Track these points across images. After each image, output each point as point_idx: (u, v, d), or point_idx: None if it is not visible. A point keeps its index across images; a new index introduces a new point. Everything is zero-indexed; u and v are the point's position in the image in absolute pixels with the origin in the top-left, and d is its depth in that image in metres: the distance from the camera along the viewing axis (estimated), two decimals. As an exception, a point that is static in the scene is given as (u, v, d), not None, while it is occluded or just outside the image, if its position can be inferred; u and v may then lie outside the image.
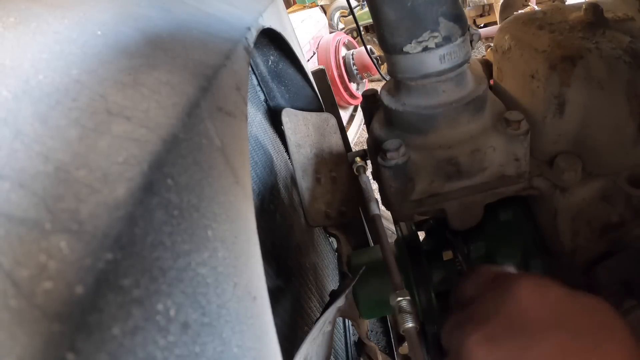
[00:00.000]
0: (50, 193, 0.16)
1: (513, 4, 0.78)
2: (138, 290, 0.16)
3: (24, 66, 0.20)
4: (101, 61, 0.23)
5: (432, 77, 0.42)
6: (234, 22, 0.42)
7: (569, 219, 0.46)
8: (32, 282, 0.14)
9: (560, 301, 0.33)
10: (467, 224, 0.48)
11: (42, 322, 0.13)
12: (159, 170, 0.19)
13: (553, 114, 0.43)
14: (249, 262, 0.23)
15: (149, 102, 0.22)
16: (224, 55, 0.33)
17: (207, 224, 0.21)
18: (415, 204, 0.46)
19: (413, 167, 0.44)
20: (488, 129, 0.43)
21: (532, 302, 0.33)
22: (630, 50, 0.41)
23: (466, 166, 0.43)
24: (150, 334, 0.15)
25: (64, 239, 0.15)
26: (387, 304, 0.38)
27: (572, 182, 0.44)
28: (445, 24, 0.39)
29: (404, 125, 0.45)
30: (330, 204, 0.59)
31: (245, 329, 0.20)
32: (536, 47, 0.44)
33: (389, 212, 0.49)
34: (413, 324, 0.35)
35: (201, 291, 0.18)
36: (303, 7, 3.95)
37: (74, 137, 0.18)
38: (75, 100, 0.20)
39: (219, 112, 0.27)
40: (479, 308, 0.35)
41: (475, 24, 3.80)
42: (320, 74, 0.91)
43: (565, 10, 0.48)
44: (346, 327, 0.76)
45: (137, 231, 0.17)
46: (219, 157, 0.24)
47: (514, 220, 0.52)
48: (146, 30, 0.29)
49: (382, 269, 0.49)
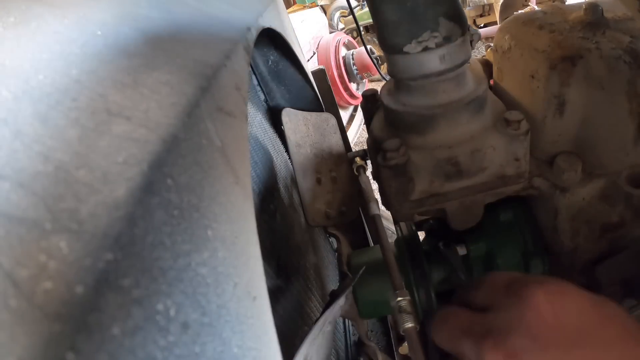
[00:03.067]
0: (50, 193, 0.16)
1: (513, 4, 0.78)
2: (138, 290, 0.16)
3: (24, 66, 0.20)
4: (101, 61, 0.23)
5: (432, 77, 0.42)
6: (234, 22, 0.42)
7: (569, 218, 0.46)
8: (32, 282, 0.14)
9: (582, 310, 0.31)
10: (467, 224, 0.48)
11: (42, 322, 0.13)
12: (159, 170, 0.19)
13: (553, 114, 0.43)
14: (249, 262, 0.23)
15: (148, 102, 0.22)
16: (224, 55, 0.33)
17: (207, 224, 0.21)
18: (415, 204, 0.46)
19: (413, 167, 0.44)
20: (488, 129, 0.43)
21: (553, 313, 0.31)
22: (630, 50, 0.41)
23: (466, 166, 0.43)
24: (150, 334, 0.15)
25: (64, 239, 0.15)
26: (387, 304, 0.38)
27: (572, 182, 0.44)
28: (445, 24, 0.39)
29: (404, 125, 0.45)
30: (330, 204, 0.59)
31: (245, 329, 0.20)
32: (536, 47, 0.44)
33: (389, 212, 0.49)
34: (413, 324, 0.35)
35: (201, 291, 0.18)
36: (303, 7, 3.95)
37: (74, 137, 0.18)
38: (75, 100, 0.20)
39: (219, 112, 0.27)
40: (496, 319, 0.33)
41: (475, 24, 3.79)
42: (320, 74, 0.91)
43: (565, 10, 0.48)
44: (346, 327, 0.76)
45: (137, 231, 0.17)
46: (219, 157, 0.24)
47: (514, 220, 0.52)
48: (146, 31, 0.29)
49: (382, 269, 0.49)
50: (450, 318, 0.37)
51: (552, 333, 0.30)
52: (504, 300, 0.34)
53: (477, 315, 0.35)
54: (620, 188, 0.44)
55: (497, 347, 0.30)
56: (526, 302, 0.32)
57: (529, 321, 0.31)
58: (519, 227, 0.51)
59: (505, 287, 0.35)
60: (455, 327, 0.35)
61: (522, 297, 0.32)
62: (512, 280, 0.35)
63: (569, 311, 0.31)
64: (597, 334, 0.30)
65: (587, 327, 0.30)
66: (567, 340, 0.30)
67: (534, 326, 0.30)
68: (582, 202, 0.46)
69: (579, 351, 0.29)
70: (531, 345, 0.30)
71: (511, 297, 0.33)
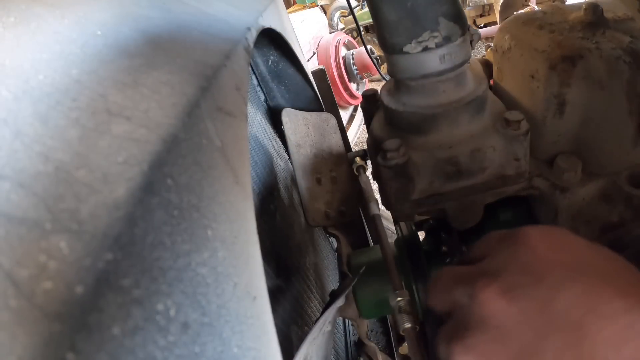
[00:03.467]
0: (50, 193, 0.16)
1: (513, 4, 0.78)
2: (138, 290, 0.16)
3: (24, 66, 0.20)
4: (101, 61, 0.23)
5: (432, 77, 0.42)
6: (234, 22, 0.42)
7: (569, 218, 0.46)
8: (32, 282, 0.14)
9: (579, 247, 0.30)
10: (467, 224, 0.48)
11: (42, 322, 0.13)
12: (159, 170, 0.19)
13: (553, 114, 0.44)
14: (249, 262, 0.23)
15: (149, 102, 0.22)
16: (224, 55, 0.33)
17: (207, 224, 0.21)
18: (415, 204, 0.46)
19: (413, 167, 0.44)
20: (488, 129, 0.43)
21: (549, 249, 0.29)
22: (630, 50, 0.41)
23: (466, 166, 0.43)
24: (150, 334, 0.15)
25: (64, 239, 0.15)
26: (387, 304, 0.38)
27: (572, 182, 0.44)
28: (445, 24, 0.39)
29: (404, 125, 0.45)
30: (330, 204, 0.59)
31: (245, 329, 0.20)
32: (536, 47, 0.44)
33: (389, 212, 0.49)
34: (413, 324, 0.35)
35: (201, 291, 0.18)
36: (303, 7, 3.95)
37: (74, 137, 0.18)
38: (75, 100, 0.20)
39: (219, 112, 0.27)
40: (490, 263, 0.31)
41: (475, 24, 3.79)
42: (320, 74, 0.91)
43: (565, 10, 0.48)
44: (346, 327, 0.76)
45: (137, 231, 0.17)
46: (219, 157, 0.24)
47: (514, 220, 0.52)
48: (146, 31, 0.29)
49: (382, 269, 0.49)
50: (444, 274, 0.35)
51: (546, 267, 0.29)
52: (497, 246, 0.33)
53: (471, 266, 0.33)
54: (620, 188, 0.44)
55: (490, 285, 0.29)
56: (520, 241, 0.31)
57: (522, 258, 0.30)
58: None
59: (499, 238, 0.34)
60: (449, 279, 0.33)
61: (515, 239, 0.31)
62: (506, 232, 0.34)
63: (565, 249, 0.30)
64: (594, 266, 0.29)
65: (585, 261, 0.29)
66: (562, 272, 0.28)
67: (528, 262, 0.29)
68: (582, 202, 0.46)
69: (576, 280, 0.27)
70: (525, 280, 0.28)
71: (505, 243, 0.32)
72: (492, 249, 0.33)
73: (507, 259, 0.30)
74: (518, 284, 0.28)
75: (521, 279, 0.28)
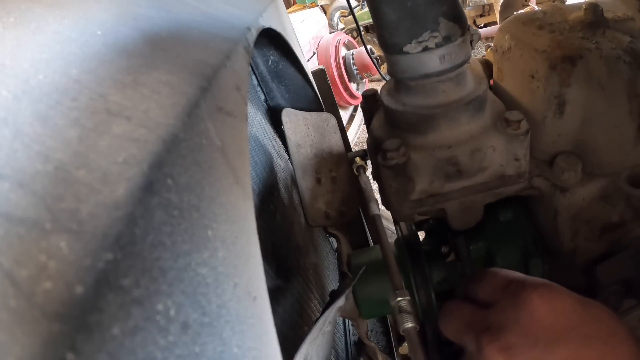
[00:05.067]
0: (50, 193, 0.16)
1: (513, 4, 0.78)
2: (138, 290, 0.16)
3: (24, 66, 0.20)
4: (101, 61, 0.23)
5: (432, 77, 0.42)
6: (234, 22, 0.42)
7: (568, 219, 0.46)
8: (32, 282, 0.14)
9: (570, 310, 0.35)
10: (467, 224, 0.48)
11: (42, 322, 0.13)
12: (159, 170, 0.19)
13: (553, 114, 0.43)
14: (249, 262, 0.23)
15: (148, 102, 0.22)
16: (224, 55, 0.33)
17: (207, 224, 0.21)
18: (415, 204, 0.46)
19: (413, 167, 0.44)
20: (488, 129, 0.43)
21: (545, 313, 0.35)
22: (630, 50, 0.41)
23: (466, 166, 0.43)
24: (150, 334, 0.15)
25: (64, 239, 0.15)
26: (387, 304, 0.38)
27: (572, 182, 0.44)
28: (445, 24, 0.39)
29: (404, 125, 0.45)
30: (330, 204, 0.59)
31: (245, 329, 0.20)
32: (536, 47, 0.44)
33: (389, 212, 0.49)
34: (413, 324, 0.35)
35: (201, 291, 0.18)
36: (303, 7, 3.95)
37: (74, 137, 0.18)
38: (75, 100, 0.20)
39: (219, 112, 0.27)
40: (496, 317, 0.37)
41: (475, 24, 3.80)
42: (320, 74, 0.91)
43: (565, 10, 0.48)
44: (346, 327, 0.76)
45: (137, 231, 0.17)
46: (219, 157, 0.24)
47: (514, 220, 0.52)
48: (146, 30, 0.29)
49: (382, 269, 0.49)
50: (455, 312, 0.42)
51: (541, 331, 0.35)
52: (503, 300, 0.38)
53: (478, 312, 0.40)
54: (620, 188, 0.44)
55: (493, 342, 0.35)
56: (521, 304, 0.36)
57: (522, 321, 0.35)
58: (519, 227, 0.51)
59: (504, 287, 0.40)
60: (460, 321, 0.40)
61: (518, 299, 0.37)
62: (510, 281, 0.40)
63: (558, 312, 0.35)
64: (581, 331, 0.34)
65: (573, 325, 0.35)
66: (554, 336, 0.34)
67: (527, 325, 0.35)
68: (582, 202, 0.46)
69: (563, 345, 0.34)
70: (523, 341, 0.34)
71: (509, 298, 0.38)
72: (498, 300, 0.39)
73: (509, 317, 0.36)
74: (517, 344, 0.34)
75: (519, 340, 0.35)
